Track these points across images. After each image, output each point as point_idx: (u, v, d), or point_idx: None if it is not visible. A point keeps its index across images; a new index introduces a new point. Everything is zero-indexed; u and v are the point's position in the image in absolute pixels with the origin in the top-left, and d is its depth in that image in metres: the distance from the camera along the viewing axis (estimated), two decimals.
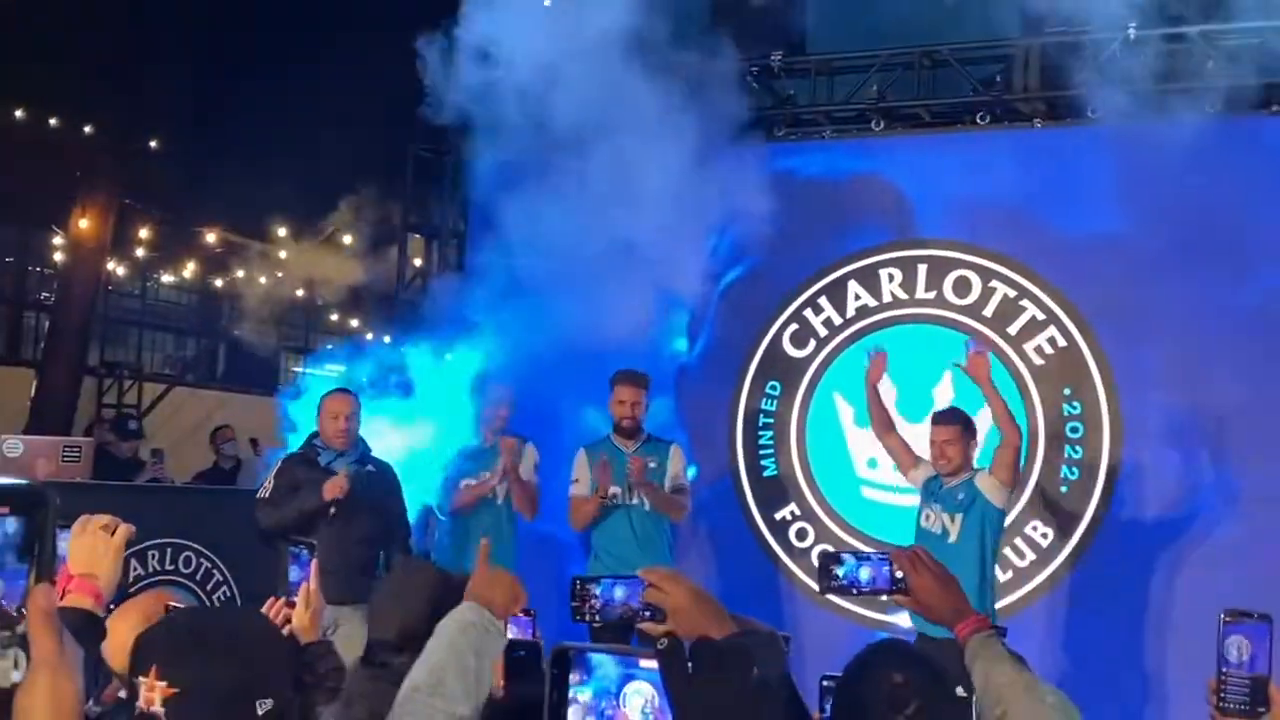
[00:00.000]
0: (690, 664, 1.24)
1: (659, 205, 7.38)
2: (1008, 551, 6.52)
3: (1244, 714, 2.03)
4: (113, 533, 2.33)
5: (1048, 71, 6.75)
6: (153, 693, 1.62)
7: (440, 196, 8.37)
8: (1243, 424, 6.21)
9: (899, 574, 2.35)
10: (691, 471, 6.71)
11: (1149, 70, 6.45)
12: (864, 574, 2.40)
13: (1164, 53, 6.44)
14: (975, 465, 5.80)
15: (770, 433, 7.13)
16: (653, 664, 1.27)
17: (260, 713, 1.65)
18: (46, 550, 1.16)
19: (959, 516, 5.78)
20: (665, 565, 2.31)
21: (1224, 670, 2.04)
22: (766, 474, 7.08)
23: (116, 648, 2.23)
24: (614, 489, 6.27)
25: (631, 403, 6.31)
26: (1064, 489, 6.50)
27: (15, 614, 1.13)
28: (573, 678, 1.31)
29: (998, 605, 6.46)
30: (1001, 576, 6.50)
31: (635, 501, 6.26)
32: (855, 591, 2.42)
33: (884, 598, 2.54)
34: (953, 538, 5.75)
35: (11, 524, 1.14)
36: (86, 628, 2.13)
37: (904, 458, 6.04)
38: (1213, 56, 6.34)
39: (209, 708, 1.62)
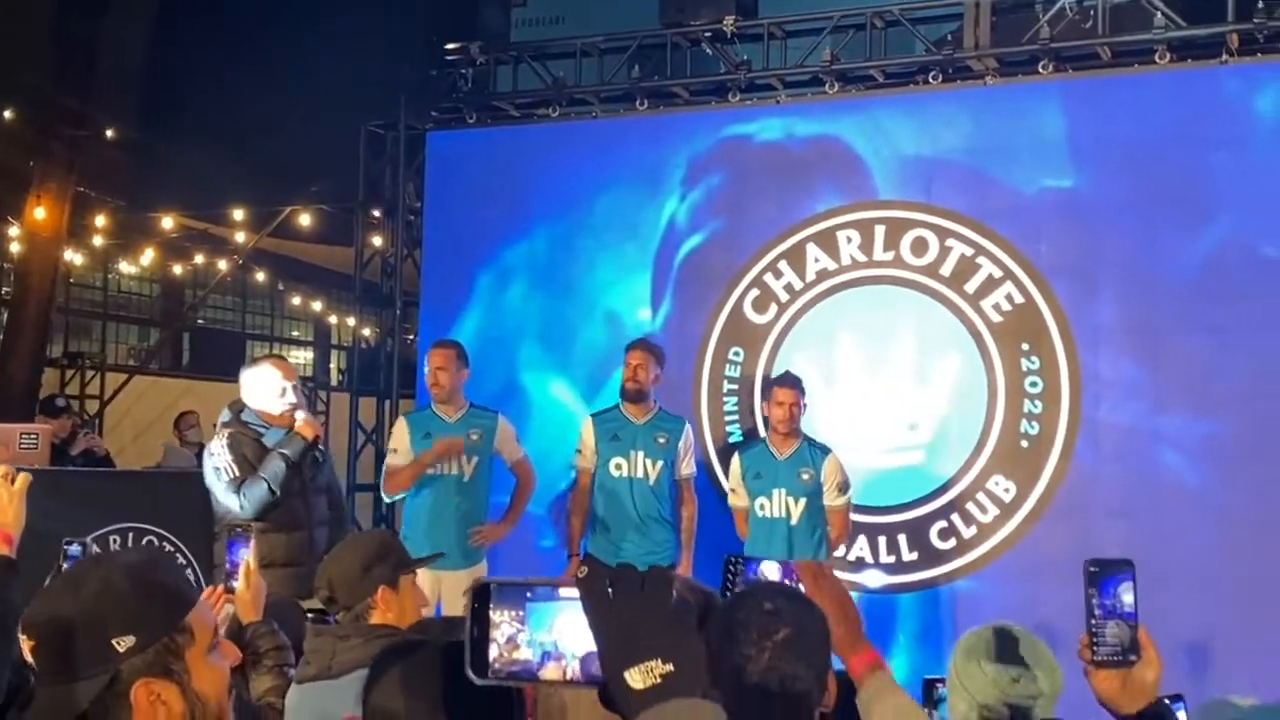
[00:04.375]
0: (610, 589, 1.25)
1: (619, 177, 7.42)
2: (970, 507, 6.59)
3: (1118, 664, 2.01)
4: (13, 481, 2.49)
5: (998, 28, 6.77)
6: (25, 647, 1.70)
7: (395, 173, 8.30)
8: (1201, 374, 6.26)
9: (801, 586, 2.34)
10: None
11: (1098, 23, 6.49)
12: (770, 576, 2.41)
13: (1113, 5, 6.46)
14: (808, 434, 6.04)
15: (735, 399, 7.15)
16: (573, 592, 1.28)
17: (122, 649, 1.66)
18: None
19: (803, 500, 5.87)
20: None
21: (1093, 621, 2.01)
22: (732, 439, 7.09)
23: None
24: (618, 459, 6.17)
25: (635, 365, 6.19)
26: (1024, 444, 6.54)
27: None
28: (508, 614, 1.31)
29: (965, 560, 6.59)
30: (966, 532, 6.59)
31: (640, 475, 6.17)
32: None
33: None
34: (794, 520, 5.84)
35: None
36: (3, 571, 2.34)
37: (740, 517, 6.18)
38: (1161, 8, 6.36)
39: (61, 649, 1.66)
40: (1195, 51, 6.44)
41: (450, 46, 7.94)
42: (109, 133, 11.84)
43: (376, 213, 8.58)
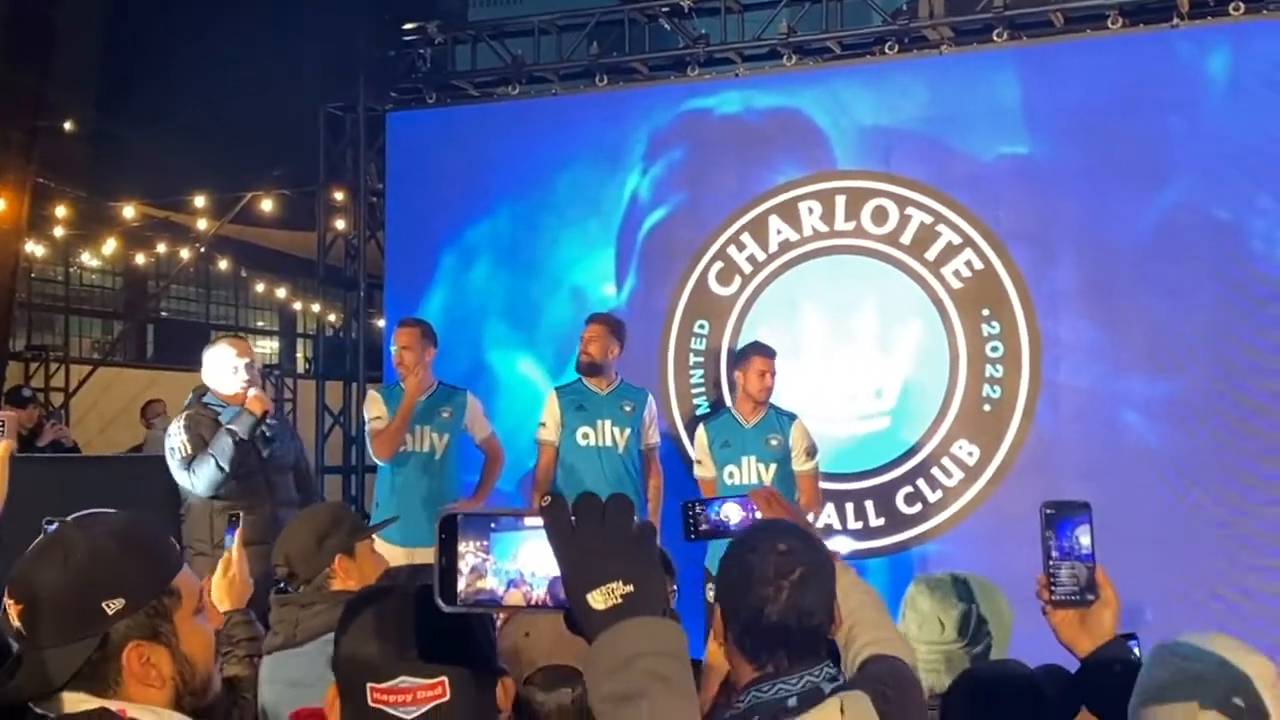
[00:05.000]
0: (573, 517, 1.28)
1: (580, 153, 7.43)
2: (935, 472, 6.66)
3: (1075, 603, 2.05)
4: None
5: None
6: (12, 613, 1.72)
7: (356, 155, 8.27)
8: (1158, 335, 6.33)
9: (758, 514, 2.48)
10: None
11: None
12: (732, 515, 2.57)
13: None
14: (773, 403, 6.09)
15: (701, 372, 7.19)
16: (538, 522, 1.31)
17: (111, 612, 1.70)
18: None
19: (773, 466, 5.94)
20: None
21: (1050, 562, 2.05)
22: (700, 412, 7.12)
23: None
24: (584, 429, 6.18)
25: (587, 339, 6.20)
26: (987, 408, 6.61)
27: None
28: (473, 545, 1.35)
29: (931, 524, 6.66)
30: (931, 496, 6.66)
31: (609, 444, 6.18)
32: (723, 532, 2.57)
33: None
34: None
35: None
36: None
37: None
38: None
39: (52, 613, 1.70)
40: (1146, 16, 6.50)
41: (408, 26, 7.91)
42: (67, 123, 11.73)
43: (338, 195, 8.53)
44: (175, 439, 5.22)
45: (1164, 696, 1.76)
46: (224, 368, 5.36)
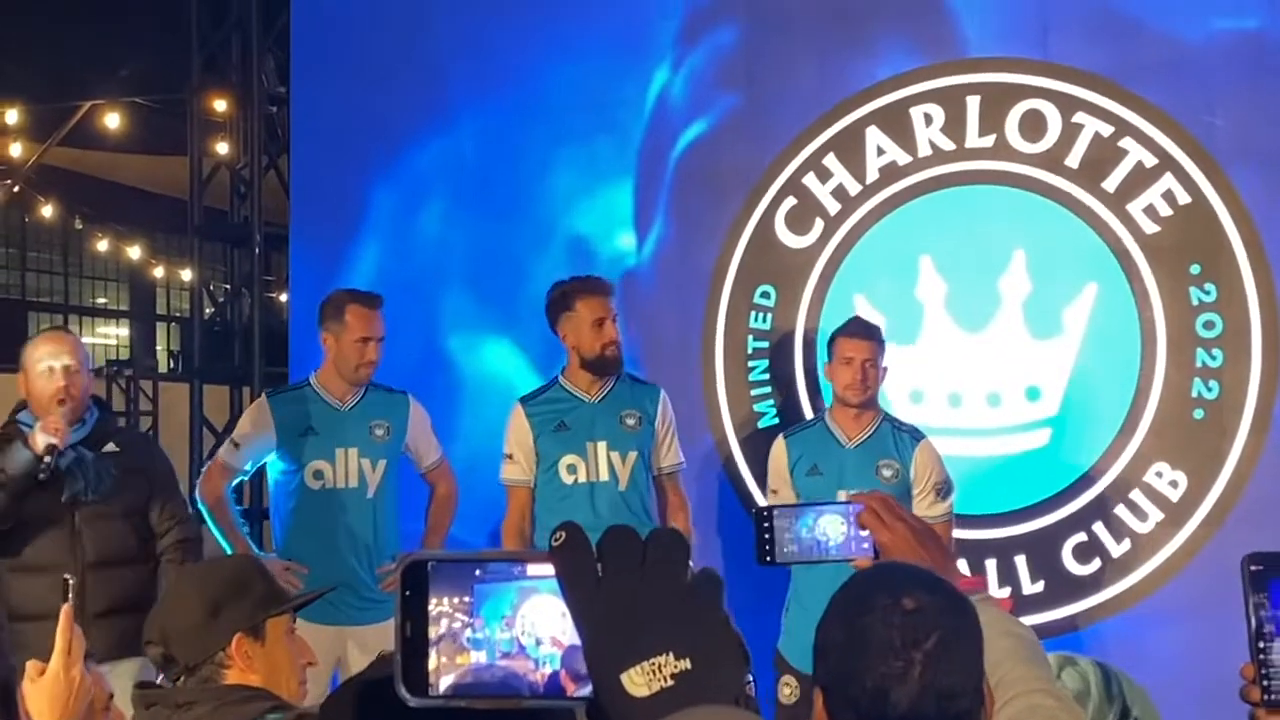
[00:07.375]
0: (600, 562, 1.29)
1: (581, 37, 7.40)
2: (1121, 511, 6.63)
3: None
4: None
5: None
6: None
7: (246, 45, 8.24)
8: None
9: (864, 533, 2.55)
10: None
11: None
12: (832, 531, 2.59)
13: None
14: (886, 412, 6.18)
15: (765, 362, 7.17)
16: (545, 569, 1.32)
17: None
18: None
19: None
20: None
21: (1261, 645, 2.07)
22: (764, 424, 7.09)
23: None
24: (570, 458, 6.13)
25: (610, 317, 6.13)
26: (1199, 414, 6.57)
27: None
28: (450, 602, 1.36)
29: (1115, 590, 6.68)
30: (1115, 549, 6.68)
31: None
32: (817, 556, 2.60)
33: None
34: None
35: None
36: None
37: None
38: None
39: None
40: None
41: None
42: None
43: (219, 104, 8.53)
44: None
45: None
46: (35, 373, 5.52)
